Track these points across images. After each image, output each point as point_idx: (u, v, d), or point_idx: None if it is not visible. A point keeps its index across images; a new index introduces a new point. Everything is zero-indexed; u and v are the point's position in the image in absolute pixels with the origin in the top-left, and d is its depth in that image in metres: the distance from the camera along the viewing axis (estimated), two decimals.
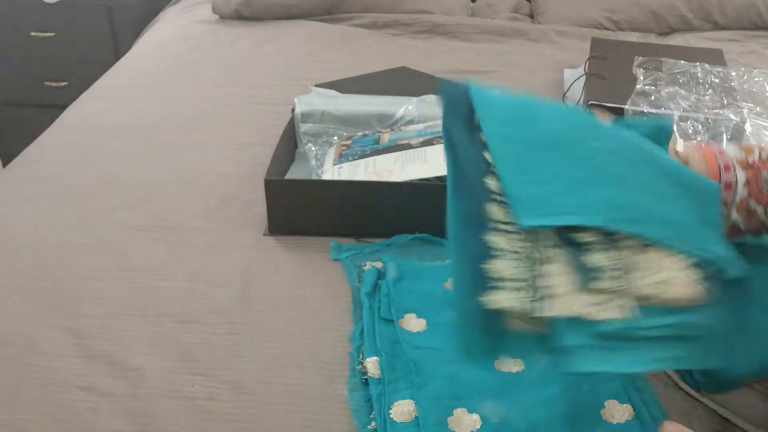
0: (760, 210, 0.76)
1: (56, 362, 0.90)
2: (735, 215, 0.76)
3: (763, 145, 0.78)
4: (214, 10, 2.07)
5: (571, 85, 1.56)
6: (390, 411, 0.80)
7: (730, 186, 0.75)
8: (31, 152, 1.42)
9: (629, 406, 0.81)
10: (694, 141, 0.79)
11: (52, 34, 2.22)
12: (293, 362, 0.90)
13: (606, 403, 0.82)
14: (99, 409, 0.83)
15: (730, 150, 0.77)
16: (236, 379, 0.87)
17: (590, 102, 1.39)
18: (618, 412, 0.81)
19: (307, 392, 0.86)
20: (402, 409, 0.80)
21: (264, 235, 1.14)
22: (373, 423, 0.81)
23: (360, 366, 0.89)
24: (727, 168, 0.76)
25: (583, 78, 1.54)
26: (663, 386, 0.86)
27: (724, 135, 1.34)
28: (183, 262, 1.08)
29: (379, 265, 1.06)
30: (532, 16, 2.13)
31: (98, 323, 0.96)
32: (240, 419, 0.82)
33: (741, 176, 0.75)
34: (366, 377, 0.87)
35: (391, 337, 0.92)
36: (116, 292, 1.02)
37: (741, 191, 0.75)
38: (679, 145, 0.78)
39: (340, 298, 1.01)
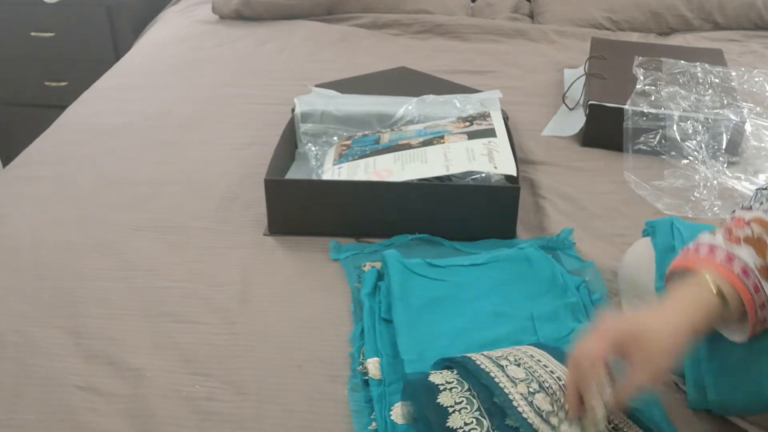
0: None
1: (56, 362, 0.90)
2: None
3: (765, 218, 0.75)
4: (214, 10, 2.07)
5: (571, 85, 1.56)
6: (391, 412, 0.80)
7: (764, 306, 0.72)
8: (31, 152, 1.42)
9: None
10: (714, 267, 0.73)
11: (52, 34, 2.22)
12: (293, 362, 0.90)
13: None
14: (99, 409, 0.83)
15: (748, 257, 0.73)
16: (236, 379, 0.87)
17: (590, 102, 1.39)
18: None
19: (307, 392, 0.86)
20: (403, 411, 0.80)
21: (264, 235, 1.14)
22: (373, 424, 0.81)
23: (361, 367, 0.89)
24: (756, 289, 0.72)
25: (583, 78, 1.54)
26: (663, 386, 0.86)
27: (724, 135, 1.34)
28: (183, 262, 1.08)
29: (379, 265, 1.06)
30: (532, 16, 2.13)
31: (98, 323, 0.96)
32: (240, 419, 0.82)
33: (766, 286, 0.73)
34: (367, 378, 0.87)
35: (392, 338, 0.91)
36: (116, 292, 1.02)
37: None
38: (713, 284, 0.71)
39: (340, 298, 1.01)
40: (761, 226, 0.75)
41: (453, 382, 0.78)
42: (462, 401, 0.75)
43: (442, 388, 0.77)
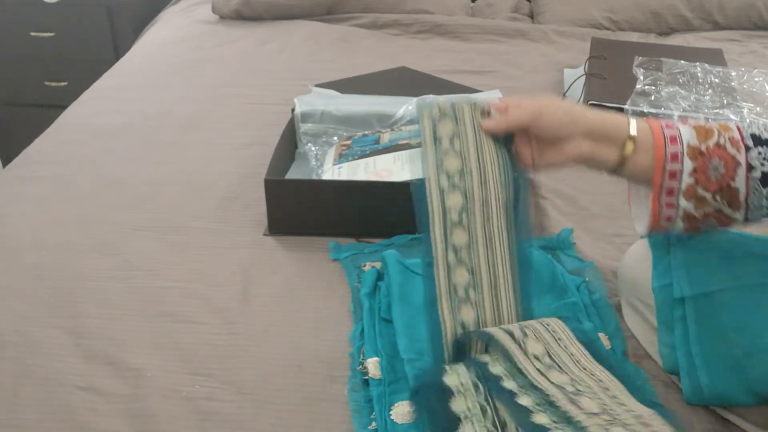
0: (709, 196, 0.75)
1: (56, 362, 0.90)
2: (684, 202, 0.76)
3: (729, 125, 0.77)
4: (214, 10, 2.07)
5: (571, 85, 1.56)
6: (391, 412, 0.80)
7: (675, 175, 0.75)
8: (31, 152, 1.42)
9: None
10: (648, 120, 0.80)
11: (52, 34, 2.22)
12: (293, 362, 0.90)
13: None
14: (99, 409, 0.83)
15: (686, 133, 0.76)
16: (236, 379, 0.87)
17: (590, 102, 1.39)
18: None
19: (307, 392, 0.86)
20: (403, 410, 0.80)
21: (264, 235, 1.14)
22: (373, 424, 0.81)
23: (360, 366, 0.89)
24: (674, 158, 0.75)
25: (583, 78, 1.54)
26: (663, 386, 0.86)
27: None
28: (183, 262, 1.08)
29: (379, 265, 1.06)
30: (532, 16, 2.13)
31: (98, 323, 0.96)
32: (240, 419, 0.82)
33: (688, 166, 0.75)
34: (367, 378, 0.87)
35: (392, 337, 0.91)
36: (116, 292, 1.02)
37: (686, 180, 0.75)
38: (633, 128, 0.78)
39: (340, 298, 1.01)
40: (721, 126, 0.76)
41: (468, 383, 0.76)
42: (475, 409, 0.74)
43: (456, 390, 0.75)
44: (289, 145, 1.30)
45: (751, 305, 0.79)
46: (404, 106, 1.37)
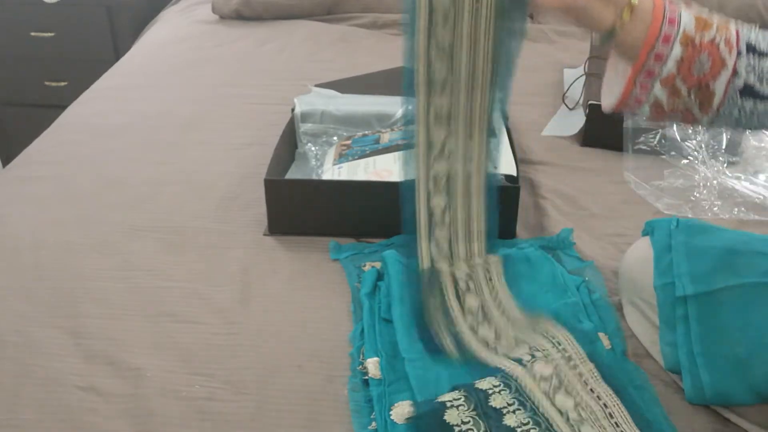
0: (684, 91, 0.72)
1: (56, 362, 0.90)
2: (658, 89, 0.73)
3: (729, 26, 0.73)
4: (214, 10, 2.07)
5: (571, 85, 1.56)
6: (390, 412, 0.80)
7: (660, 58, 0.72)
8: (31, 152, 1.42)
9: None
10: None
11: (52, 34, 2.22)
12: (293, 362, 0.90)
13: None
14: (99, 409, 0.83)
15: (685, 18, 0.72)
16: (236, 379, 0.87)
17: (590, 102, 1.39)
18: None
19: (307, 392, 0.86)
20: (402, 410, 0.80)
21: (264, 235, 1.14)
22: (373, 424, 0.81)
23: (360, 366, 0.89)
24: (666, 39, 0.71)
25: (583, 78, 1.54)
26: (663, 386, 0.86)
27: (724, 135, 1.34)
28: (183, 262, 1.08)
29: (379, 265, 1.06)
30: (531, 16, 2.13)
31: (98, 323, 0.96)
32: (240, 419, 0.82)
33: (677, 52, 0.71)
34: (367, 378, 0.87)
35: (392, 338, 0.91)
36: (116, 292, 1.02)
37: (670, 66, 0.72)
38: None
39: (340, 298, 1.01)
40: (720, 24, 0.73)
41: (460, 399, 0.78)
42: (469, 421, 0.75)
43: (449, 404, 0.77)
44: (289, 145, 1.30)
45: (753, 304, 0.79)
46: (404, 106, 1.37)
